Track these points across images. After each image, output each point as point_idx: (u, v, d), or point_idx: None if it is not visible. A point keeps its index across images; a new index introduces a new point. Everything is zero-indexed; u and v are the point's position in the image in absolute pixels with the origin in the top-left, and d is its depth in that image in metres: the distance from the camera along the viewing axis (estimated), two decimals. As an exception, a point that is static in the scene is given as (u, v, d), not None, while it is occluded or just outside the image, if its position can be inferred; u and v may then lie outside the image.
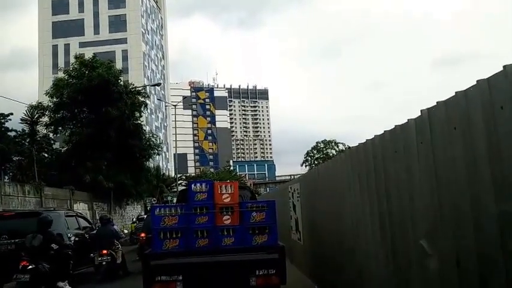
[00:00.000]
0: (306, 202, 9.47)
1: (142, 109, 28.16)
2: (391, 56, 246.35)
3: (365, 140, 5.05)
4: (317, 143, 72.96)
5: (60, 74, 26.70)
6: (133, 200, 31.27)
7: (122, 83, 27.35)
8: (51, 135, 26.49)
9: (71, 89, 25.12)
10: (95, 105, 25.22)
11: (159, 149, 30.22)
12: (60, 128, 26.32)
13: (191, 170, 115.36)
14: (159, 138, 30.81)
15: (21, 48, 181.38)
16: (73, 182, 22.69)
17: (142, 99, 28.27)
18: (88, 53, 38.41)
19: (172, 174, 59.33)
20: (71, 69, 26.42)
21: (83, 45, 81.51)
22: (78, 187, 22.98)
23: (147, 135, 29.14)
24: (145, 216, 20.40)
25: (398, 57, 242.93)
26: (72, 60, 27.57)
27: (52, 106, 26.10)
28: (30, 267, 8.25)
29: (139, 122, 27.80)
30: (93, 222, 14.91)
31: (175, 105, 51.45)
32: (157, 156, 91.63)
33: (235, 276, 6.28)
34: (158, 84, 36.60)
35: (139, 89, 28.68)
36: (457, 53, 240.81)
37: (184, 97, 67.11)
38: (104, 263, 10.85)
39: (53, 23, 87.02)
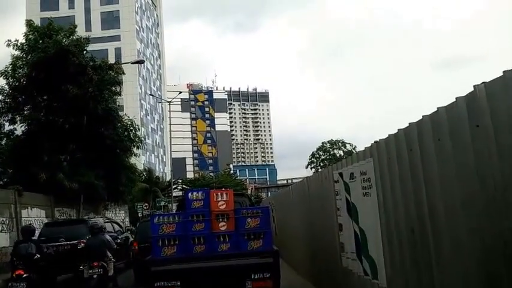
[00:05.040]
0: (401, 198, 4.25)
1: (115, 88, 22.14)
2: (393, 59, 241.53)
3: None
4: (323, 143, 69.03)
5: (12, 51, 20.99)
6: (115, 205, 25.64)
7: (88, 54, 21.64)
8: (6, 125, 20.94)
9: (27, 67, 19.92)
10: (53, 83, 19.66)
11: (140, 141, 24.00)
12: (17, 116, 20.84)
13: (190, 175, 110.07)
14: (139, 127, 24.27)
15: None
16: (26, 182, 17.39)
17: (115, 75, 22.13)
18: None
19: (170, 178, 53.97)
20: (24, 41, 20.63)
21: (73, 42, 76.67)
22: (33, 188, 17.69)
23: (125, 122, 22.93)
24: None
25: (400, 60, 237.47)
26: None
27: (8, 90, 20.79)
28: (25, 275, 8.39)
29: (112, 105, 21.64)
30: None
31: (169, 102, 47.93)
32: (153, 159, 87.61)
33: (231, 281, 6.40)
34: (141, 62, 30.60)
35: (114, 64, 22.58)
36: (457, 56, 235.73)
37: (180, 93, 61.96)
38: (95, 276, 9.73)
39: (41, 20, 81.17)
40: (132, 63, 29.82)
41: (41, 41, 20.73)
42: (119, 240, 13.40)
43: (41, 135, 19.10)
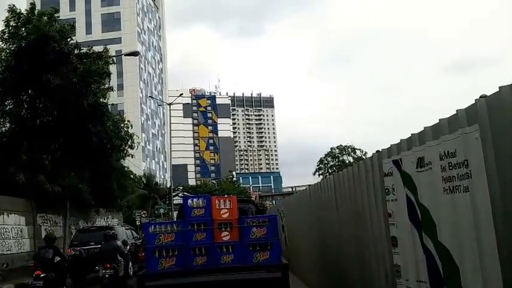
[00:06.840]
0: None
1: (104, 81, 19.82)
2: (401, 63, 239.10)
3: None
4: (331, 148, 67.30)
5: None
6: (107, 212, 23.44)
7: (73, 41, 19.44)
8: None
9: (8, 56, 18.05)
10: (33, 73, 17.60)
11: (132, 139, 21.26)
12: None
13: (192, 182, 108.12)
14: (132, 124, 21.64)
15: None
16: (3, 185, 15.27)
17: (104, 65, 19.71)
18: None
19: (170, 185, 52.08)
20: (5, 28, 18.55)
21: (73, 45, 75.31)
22: (11, 192, 15.60)
23: (115, 119, 20.75)
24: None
25: (409, 63, 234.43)
26: None
27: None
28: (42, 275, 9.80)
29: (102, 100, 19.54)
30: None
31: (170, 104, 46.13)
32: (154, 165, 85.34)
33: None
34: (136, 54, 28.14)
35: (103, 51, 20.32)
36: (468, 59, 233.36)
37: (181, 95, 60.02)
38: (107, 275, 11.11)
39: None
40: (125, 54, 27.80)
41: (23, 29, 18.83)
42: (138, 243, 15.21)
43: (22, 132, 17.04)
